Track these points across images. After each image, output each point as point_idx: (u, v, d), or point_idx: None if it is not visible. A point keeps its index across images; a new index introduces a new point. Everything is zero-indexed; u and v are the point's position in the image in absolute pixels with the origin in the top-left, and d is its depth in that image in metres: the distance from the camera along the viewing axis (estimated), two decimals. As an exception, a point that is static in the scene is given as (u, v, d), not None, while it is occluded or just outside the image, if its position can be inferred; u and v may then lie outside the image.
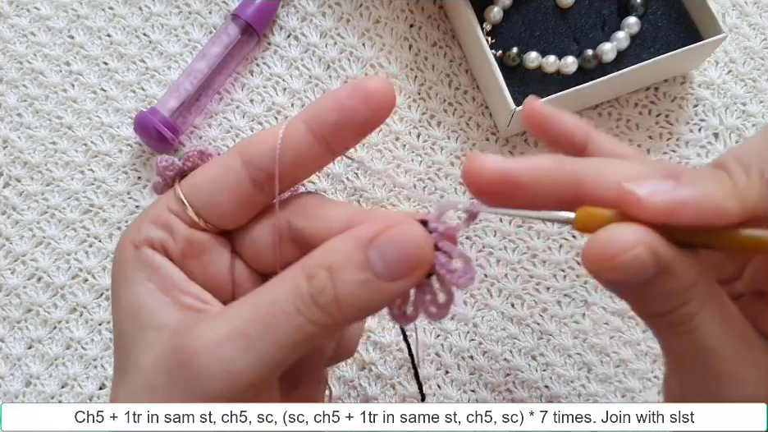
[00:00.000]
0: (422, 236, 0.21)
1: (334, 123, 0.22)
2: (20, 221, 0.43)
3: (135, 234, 0.24)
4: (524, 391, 0.40)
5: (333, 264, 0.21)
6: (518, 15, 0.43)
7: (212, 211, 0.24)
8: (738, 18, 0.45)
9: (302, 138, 0.23)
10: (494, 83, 0.40)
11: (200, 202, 0.24)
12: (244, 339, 0.20)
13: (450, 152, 0.44)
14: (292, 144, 0.23)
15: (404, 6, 0.46)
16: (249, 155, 0.23)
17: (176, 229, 0.24)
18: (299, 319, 0.20)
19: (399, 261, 0.21)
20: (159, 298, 0.23)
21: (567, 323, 0.41)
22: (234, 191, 0.23)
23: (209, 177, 0.24)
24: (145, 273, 0.23)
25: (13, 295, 0.42)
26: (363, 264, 0.21)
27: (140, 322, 0.23)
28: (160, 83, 0.45)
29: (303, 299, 0.20)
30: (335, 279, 0.20)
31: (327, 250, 0.21)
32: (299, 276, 0.21)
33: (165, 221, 0.24)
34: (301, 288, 0.21)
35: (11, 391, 0.41)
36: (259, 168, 0.23)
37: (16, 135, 0.45)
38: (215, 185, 0.23)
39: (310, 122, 0.23)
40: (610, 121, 0.44)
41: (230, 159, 0.23)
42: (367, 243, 0.21)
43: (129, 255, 0.23)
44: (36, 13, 0.47)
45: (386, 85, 0.22)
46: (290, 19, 0.46)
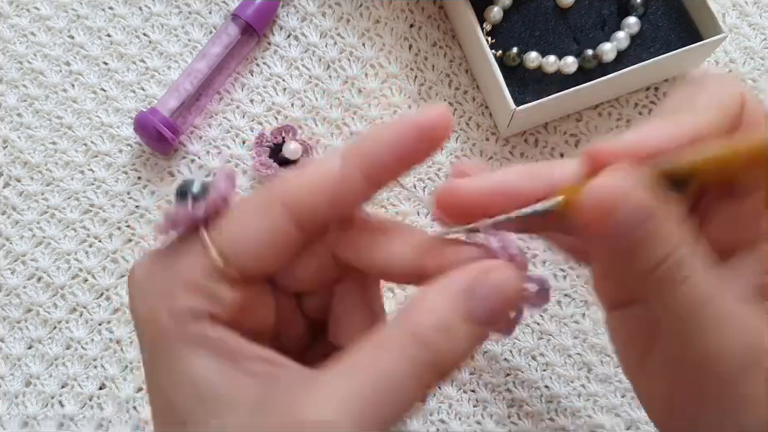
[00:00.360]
0: (519, 279, 0.20)
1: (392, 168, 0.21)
2: (20, 221, 0.43)
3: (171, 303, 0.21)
4: (524, 391, 0.40)
5: (443, 323, 0.20)
6: (518, 15, 0.43)
7: (257, 265, 0.21)
8: (738, 18, 0.45)
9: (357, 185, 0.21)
10: (494, 83, 0.40)
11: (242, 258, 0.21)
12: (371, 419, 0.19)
13: (450, 152, 0.44)
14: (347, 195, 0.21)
15: (404, 6, 0.46)
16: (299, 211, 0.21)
17: (222, 296, 0.21)
18: (419, 387, 0.19)
19: (500, 307, 0.20)
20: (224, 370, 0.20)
21: (567, 323, 0.41)
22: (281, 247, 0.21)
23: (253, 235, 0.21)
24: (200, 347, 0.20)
25: (13, 295, 0.42)
26: (470, 316, 0.20)
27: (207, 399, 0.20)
28: (160, 83, 0.45)
29: (424, 368, 0.19)
30: (450, 338, 0.19)
31: (432, 307, 0.20)
32: (411, 342, 0.19)
33: (206, 288, 0.21)
34: (420, 358, 0.19)
35: (11, 391, 0.41)
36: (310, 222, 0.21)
37: (15, 135, 0.45)
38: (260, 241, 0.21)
39: (369, 171, 0.21)
40: (610, 121, 0.44)
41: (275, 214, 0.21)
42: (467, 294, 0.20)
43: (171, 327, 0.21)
44: (36, 13, 0.47)
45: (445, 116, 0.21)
46: (290, 19, 0.46)
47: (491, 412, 0.40)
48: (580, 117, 0.44)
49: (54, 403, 0.41)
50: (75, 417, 0.41)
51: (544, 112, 0.41)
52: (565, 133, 0.44)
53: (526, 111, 0.39)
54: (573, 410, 0.40)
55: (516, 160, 0.43)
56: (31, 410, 0.41)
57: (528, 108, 0.39)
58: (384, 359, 0.19)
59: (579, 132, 0.44)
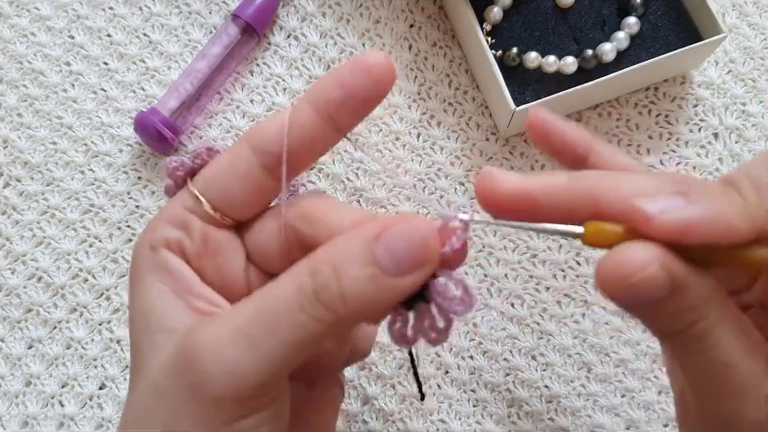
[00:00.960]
0: (429, 230, 0.21)
1: (338, 100, 0.22)
2: (20, 221, 0.43)
3: (152, 235, 0.24)
4: (524, 391, 0.40)
5: (338, 259, 0.20)
6: (518, 15, 0.43)
7: (226, 201, 0.24)
8: (737, 18, 0.45)
9: (308, 118, 0.23)
10: (494, 83, 0.40)
11: (214, 195, 0.24)
12: (247, 339, 0.20)
13: (450, 152, 0.44)
14: (299, 126, 0.23)
15: (404, 6, 0.46)
16: (258, 141, 0.23)
17: (193, 227, 0.24)
18: (302, 316, 0.20)
19: (406, 255, 0.20)
20: (171, 301, 0.23)
21: (567, 323, 0.41)
22: (245, 179, 0.23)
23: (220, 169, 0.24)
24: (159, 275, 0.23)
25: (13, 295, 0.42)
26: (369, 259, 0.20)
27: (151, 324, 0.22)
28: (160, 83, 0.45)
29: (306, 296, 0.20)
30: (340, 274, 0.20)
31: (332, 246, 0.21)
32: (303, 273, 0.20)
33: (181, 219, 0.24)
34: (305, 285, 0.20)
35: (11, 391, 0.41)
36: (269, 153, 0.23)
37: (16, 135, 0.45)
38: (226, 175, 0.23)
39: (315, 102, 0.23)
40: (610, 121, 0.44)
41: (239, 148, 0.23)
42: (372, 239, 0.20)
43: (145, 257, 0.23)
44: (36, 13, 0.47)
45: (384, 58, 0.22)
46: (290, 19, 0.46)
47: (491, 412, 0.40)
48: (580, 117, 0.44)
49: (54, 403, 0.41)
50: (75, 417, 0.41)
51: (544, 112, 0.41)
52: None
53: (526, 111, 0.39)
54: (573, 410, 0.40)
55: (516, 160, 0.43)
56: (31, 410, 0.41)
57: (527, 108, 0.39)
58: (277, 284, 0.21)
59: (579, 132, 0.44)
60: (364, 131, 0.44)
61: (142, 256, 0.24)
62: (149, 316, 0.23)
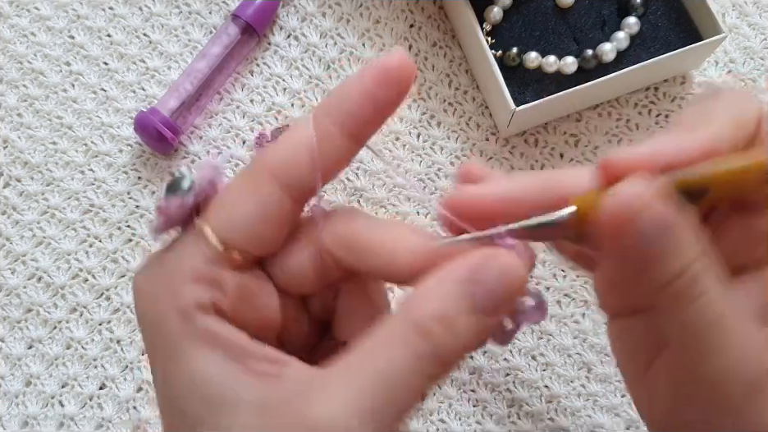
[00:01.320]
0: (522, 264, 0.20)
1: (366, 118, 0.21)
2: (20, 221, 0.43)
3: (175, 299, 0.20)
4: (524, 391, 0.40)
5: (444, 313, 0.19)
6: (518, 15, 0.43)
7: (255, 243, 0.21)
8: (737, 18, 0.45)
9: (335, 140, 0.21)
10: (494, 83, 0.40)
11: (239, 238, 0.21)
12: (372, 417, 0.18)
13: (450, 152, 0.44)
14: (327, 151, 0.21)
15: (404, 6, 0.46)
16: (287, 178, 0.21)
17: (224, 281, 0.21)
18: (421, 380, 0.19)
19: (504, 296, 0.20)
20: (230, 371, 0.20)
21: (567, 322, 0.41)
22: (277, 220, 0.21)
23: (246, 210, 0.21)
24: (205, 343, 0.20)
25: (13, 295, 0.42)
26: (472, 305, 0.19)
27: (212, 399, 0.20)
28: (160, 83, 0.45)
29: (425, 360, 0.19)
30: (452, 329, 0.19)
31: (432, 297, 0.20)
32: (414, 336, 0.19)
33: (209, 276, 0.21)
34: (420, 349, 0.19)
35: (11, 391, 0.41)
36: (300, 188, 0.21)
37: (16, 135, 0.45)
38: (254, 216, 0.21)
39: (342, 122, 0.21)
40: (610, 121, 0.44)
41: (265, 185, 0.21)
42: (468, 282, 0.19)
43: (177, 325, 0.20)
44: (36, 13, 0.47)
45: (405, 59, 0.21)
46: (290, 19, 0.46)
47: (491, 412, 0.40)
48: (580, 117, 0.44)
49: (54, 403, 0.41)
50: (75, 417, 0.41)
51: (544, 112, 0.41)
52: (565, 133, 0.44)
53: (526, 111, 0.39)
54: (573, 410, 0.40)
55: (516, 160, 0.43)
56: (31, 410, 0.41)
57: (527, 108, 0.39)
58: (387, 353, 0.19)
59: (579, 132, 0.44)
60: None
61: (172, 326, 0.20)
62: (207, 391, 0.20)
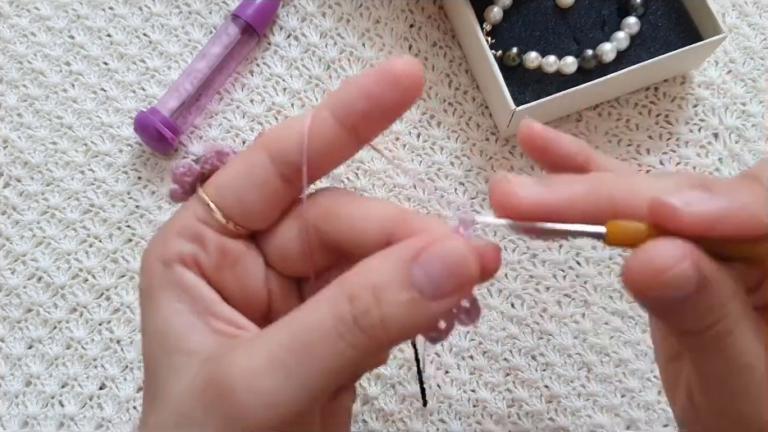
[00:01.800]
0: (469, 253, 0.20)
1: (362, 111, 0.21)
2: (20, 221, 0.43)
3: (163, 249, 0.22)
4: (524, 391, 0.40)
5: (377, 284, 0.19)
6: (518, 15, 0.43)
7: (242, 211, 0.22)
8: (737, 18, 0.45)
9: (329, 128, 0.22)
10: (494, 83, 0.40)
11: (228, 204, 0.22)
12: (284, 369, 0.19)
13: (450, 152, 0.44)
14: (319, 136, 0.22)
15: (404, 6, 0.46)
16: (276, 150, 0.22)
17: (208, 239, 0.22)
18: (340, 344, 0.19)
19: (445, 279, 0.19)
20: (190, 321, 0.21)
21: (567, 323, 0.41)
22: (262, 188, 0.22)
23: (235, 176, 0.22)
24: (175, 293, 0.22)
25: (13, 295, 0.42)
26: (408, 283, 0.19)
27: (169, 346, 0.21)
28: (160, 83, 0.45)
29: (345, 323, 0.19)
30: (379, 300, 0.19)
31: (369, 269, 0.20)
32: (340, 298, 0.19)
33: (194, 231, 0.22)
34: (343, 311, 0.19)
35: (11, 391, 0.41)
36: (287, 162, 0.22)
37: (16, 135, 0.45)
38: (242, 184, 0.22)
39: (337, 111, 0.22)
40: (610, 121, 0.44)
41: (256, 155, 0.22)
42: (410, 260, 0.19)
43: (157, 274, 0.22)
44: (36, 13, 0.47)
45: (413, 65, 0.21)
46: (290, 19, 0.46)
47: (491, 412, 0.40)
48: (580, 117, 0.44)
49: (54, 403, 0.41)
50: (75, 417, 0.41)
51: (544, 112, 0.41)
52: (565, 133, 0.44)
53: (526, 111, 0.39)
54: (573, 410, 0.40)
55: (516, 160, 0.43)
56: (31, 410, 0.41)
57: (527, 108, 0.39)
58: (312, 310, 0.20)
59: (579, 132, 0.44)
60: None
61: (154, 273, 0.22)
62: (166, 337, 0.21)
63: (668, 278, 0.18)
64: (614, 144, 0.44)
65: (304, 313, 0.20)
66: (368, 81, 0.21)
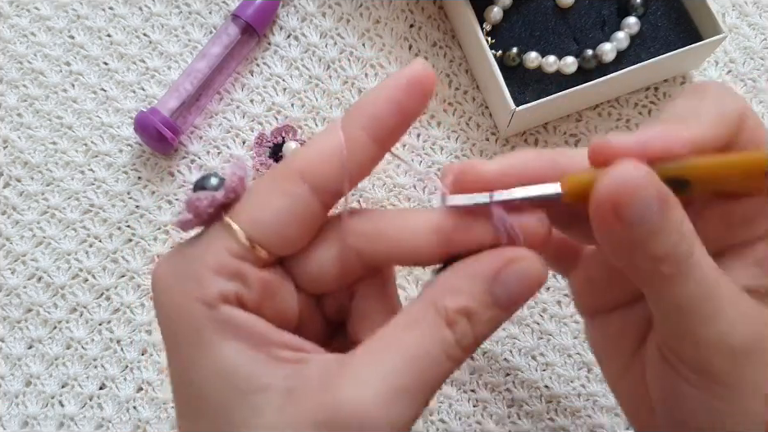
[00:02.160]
0: (544, 269, 0.22)
1: (395, 126, 0.22)
2: (20, 221, 0.43)
3: (201, 289, 0.21)
4: (524, 391, 0.40)
5: (469, 308, 0.21)
6: (518, 15, 0.43)
7: (281, 243, 0.22)
8: (737, 18, 0.45)
9: (365, 149, 0.22)
10: (494, 83, 0.40)
11: (267, 237, 0.22)
12: (408, 395, 0.20)
13: (450, 152, 0.44)
14: (357, 157, 0.22)
15: (404, 6, 0.46)
16: (317, 181, 0.21)
17: (249, 276, 0.22)
18: (447, 364, 0.21)
19: (523, 294, 0.21)
20: (255, 358, 0.21)
21: (567, 322, 0.41)
22: (304, 221, 0.22)
23: (276, 211, 0.22)
24: (230, 332, 0.21)
25: (13, 295, 0.42)
26: (492, 301, 0.21)
27: (239, 386, 0.21)
28: (160, 83, 0.45)
29: (451, 347, 0.21)
30: (473, 322, 0.21)
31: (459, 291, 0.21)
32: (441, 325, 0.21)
33: (234, 269, 0.21)
34: (447, 337, 0.21)
35: (11, 391, 0.41)
36: (329, 192, 0.22)
37: (16, 135, 0.45)
38: (284, 218, 0.21)
39: (372, 130, 0.22)
40: (610, 121, 0.44)
41: (296, 188, 0.21)
42: (492, 279, 0.21)
43: (202, 315, 0.21)
44: (36, 13, 0.47)
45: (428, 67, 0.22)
46: (290, 19, 0.46)
47: (491, 412, 0.40)
48: (580, 117, 0.44)
49: (54, 403, 0.41)
50: (75, 417, 0.41)
51: (544, 112, 0.41)
52: (565, 133, 0.44)
53: (526, 111, 0.39)
54: (573, 410, 0.40)
55: (516, 160, 0.43)
56: (31, 410, 0.41)
57: (528, 108, 0.39)
58: (416, 337, 0.21)
59: (579, 132, 0.44)
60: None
61: (197, 315, 0.21)
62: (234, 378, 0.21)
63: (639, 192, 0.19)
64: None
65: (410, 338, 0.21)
66: (398, 94, 0.22)
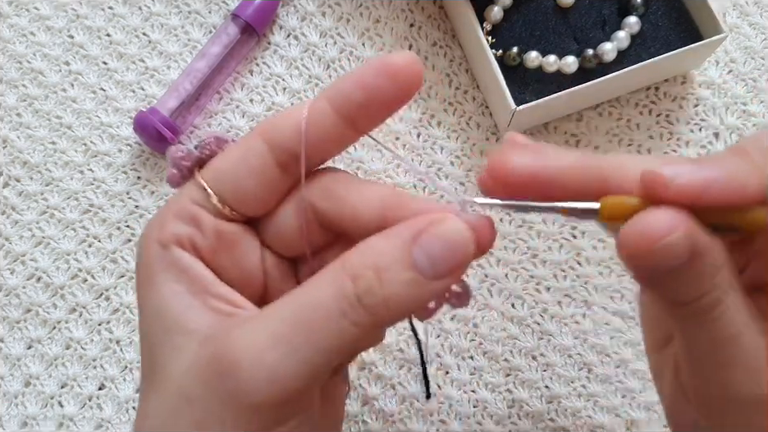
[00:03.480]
0: (468, 234, 0.20)
1: (359, 102, 0.22)
2: (19, 221, 0.43)
3: (160, 231, 0.22)
4: (524, 391, 0.40)
5: (379, 263, 0.20)
6: (518, 14, 0.43)
7: (238, 198, 0.23)
8: (738, 18, 0.45)
9: (327, 117, 0.22)
10: (494, 83, 0.40)
11: (225, 189, 0.22)
12: (287, 345, 0.19)
13: (450, 152, 0.44)
14: (317, 124, 0.22)
15: (404, 6, 0.46)
16: (273, 137, 0.22)
17: (204, 222, 0.22)
18: (343, 322, 0.20)
19: (445, 259, 0.20)
20: (188, 301, 0.22)
21: (567, 323, 0.41)
22: (259, 176, 0.22)
23: (232, 163, 0.22)
24: (173, 273, 0.22)
25: (13, 295, 0.42)
26: (409, 262, 0.20)
27: (168, 326, 0.21)
28: (160, 83, 0.45)
29: (349, 301, 0.20)
30: (382, 279, 0.20)
31: (371, 249, 0.20)
32: (343, 277, 0.20)
33: (191, 214, 0.22)
34: (346, 290, 0.20)
35: (10, 391, 0.41)
36: (284, 150, 0.22)
37: (15, 134, 0.44)
38: (239, 170, 0.22)
39: (334, 101, 0.22)
40: (611, 120, 0.44)
41: (253, 142, 0.22)
42: (411, 241, 0.20)
43: (155, 254, 0.22)
44: (36, 13, 0.46)
45: (411, 60, 0.21)
46: (289, 19, 0.46)
47: (491, 412, 0.40)
48: (580, 116, 0.44)
49: (54, 403, 0.41)
50: (75, 417, 0.41)
51: (544, 111, 0.41)
52: (566, 133, 0.44)
53: (526, 111, 0.39)
54: (573, 410, 0.40)
55: (516, 160, 0.43)
56: (31, 410, 0.41)
57: (528, 108, 0.39)
58: (314, 288, 0.20)
59: (579, 132, 0.44)
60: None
61: (152, 254, 0.22)
62: (165, 318, 0.22)
63: (661, 247, 0.19)
64: (615, 144, 0.44)
65: (307, 291, 0.20)
66: (365, 73, 0.22)
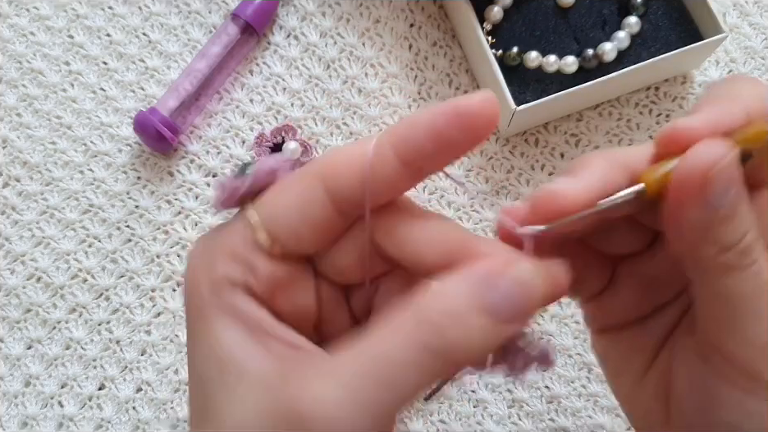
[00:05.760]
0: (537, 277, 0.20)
1: (428, 153, 0.20)
2: (19, 221, 0.43)
3: (211, 271, 0.21)
4: (525, 391, 0.40)
5: (454, 310, 0.19)
6: (518, 14, 0.43)
7: (293, 241, 0.21)
8: (738, 18, 0.45)
9: (391, 168, 0.20)
10: (494, 83, 0.40)
11: (280, 232, 0.21)
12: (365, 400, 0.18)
13: (451, 152, 0.43)
14: (380, 175, 0.20)
15: (404, 6, 0.46)
16: (334, 186, 0.21)
17: (258, 267, 0.21)
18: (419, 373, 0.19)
19: (520, 303, 0.19)
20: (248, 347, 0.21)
21: (567, 323, 0.41)
22: (318, 224, 0.21)
23: (290, 208, 0.21)
24: (229, 317, 0.21)
25: (13, 295, 0.42)
26: (484, 307, 0.19)
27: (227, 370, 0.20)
28: (160, 83, 0.45)
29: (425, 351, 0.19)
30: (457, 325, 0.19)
31: (443, 295, 0.19)
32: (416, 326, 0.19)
33: (244, 257, 0.21)
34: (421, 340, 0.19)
35: (10, 391, 0.41)
36: (344, 199, 0.21)
37: (15, 134, 0.44)
38: (297, 216, 0.21)
39: (400, 150, 0.20)
40: (611, 120, 0.44)
41: (312, 188, 0.21)
42: (485, 285, 0.19)
43: (207, 296, 0.21)
44: (36, 13, 0.46)
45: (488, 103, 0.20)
46: (289, 18, 0.46)
47: (491, 412, 0.40)
48: (580, 116, 0.44)
49: (54, 403, 0.41)
50: (75, 418, 0.41)
51: (544, 111, 0.41)
52: (566, 133, 0.44)
53: (526, 111, 0.39)
54: (573, 410, 0.40)
55: (516, 160, 0.43)
56: (31, 410, 0.41)
57: (528, 108, 0.39)
58: (390, 341, 0.19)
59: (579, 132, 0.44)
60: (364, 132, 0.44)
61: (204, 296, 0.21)
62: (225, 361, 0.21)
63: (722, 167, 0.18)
64: (615, 144, 0.44)
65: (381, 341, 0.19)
66: (436, 122, 0.20)
